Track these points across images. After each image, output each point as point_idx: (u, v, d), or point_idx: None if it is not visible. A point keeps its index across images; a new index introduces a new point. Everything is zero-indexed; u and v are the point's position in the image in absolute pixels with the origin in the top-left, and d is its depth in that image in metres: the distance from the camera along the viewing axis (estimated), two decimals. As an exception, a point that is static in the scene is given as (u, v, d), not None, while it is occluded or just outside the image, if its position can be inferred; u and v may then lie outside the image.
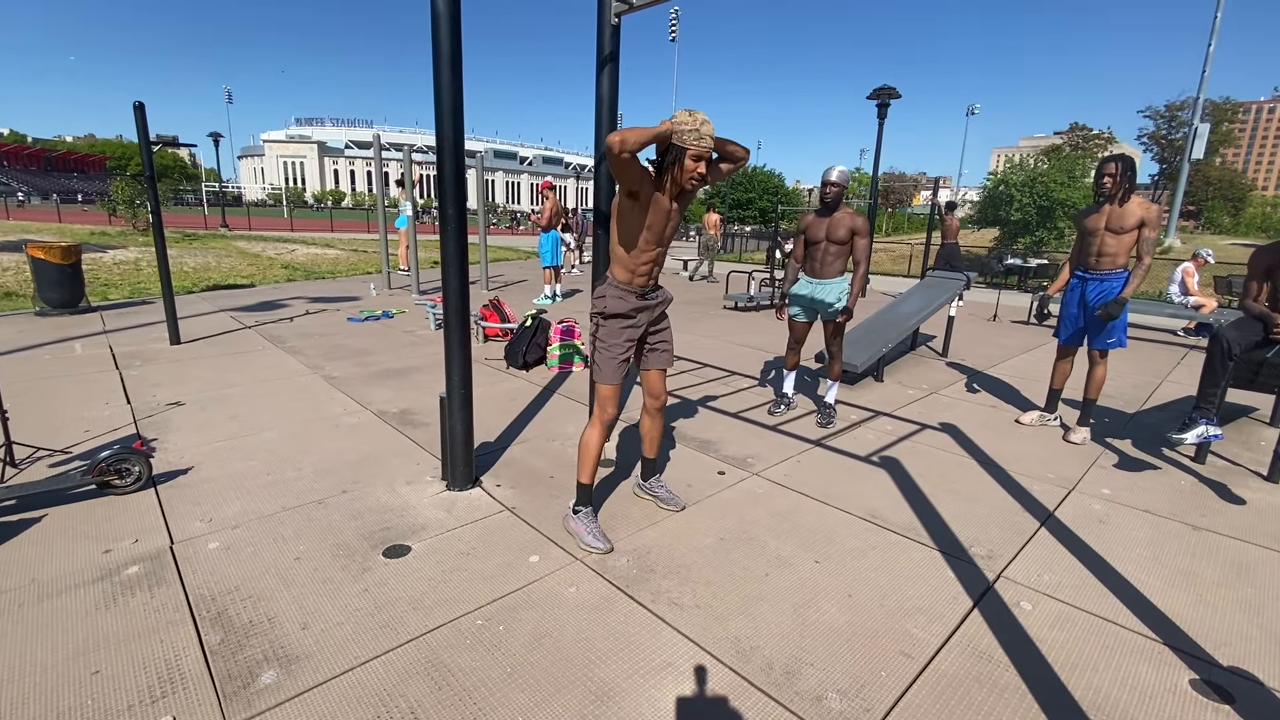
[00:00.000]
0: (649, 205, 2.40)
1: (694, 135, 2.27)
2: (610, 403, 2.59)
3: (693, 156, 2.30)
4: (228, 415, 4.04)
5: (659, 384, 2.78)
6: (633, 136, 2.13)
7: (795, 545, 2.68)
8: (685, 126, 2.26)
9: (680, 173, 2.34)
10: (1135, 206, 3.76)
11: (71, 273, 7.29)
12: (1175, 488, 3.45)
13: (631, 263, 2.52)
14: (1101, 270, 3.92)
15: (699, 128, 2.27)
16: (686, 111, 2.29)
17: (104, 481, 2.92)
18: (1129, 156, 3.87)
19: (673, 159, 2.32)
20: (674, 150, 2.31)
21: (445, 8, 2.61)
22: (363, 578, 2.35)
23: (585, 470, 2.64)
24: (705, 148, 2.30)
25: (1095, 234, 3.90)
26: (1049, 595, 2.39)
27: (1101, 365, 4.04)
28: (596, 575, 2.41)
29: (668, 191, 2.41)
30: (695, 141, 2.27)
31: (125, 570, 2.37)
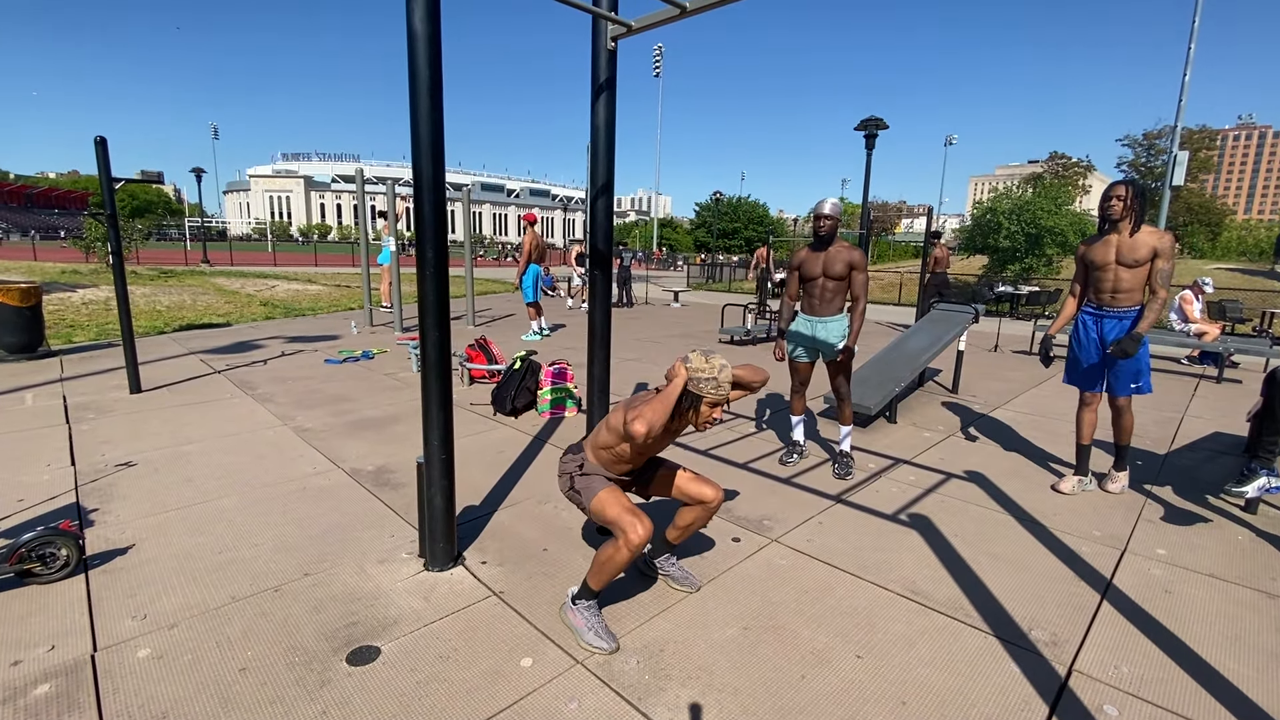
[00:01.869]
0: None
1: (712, 385, 2.17)
2: (628, 517, 2.15)
3: (709, 403, 2.20)
4: (182, 478, 3.63)
5: (695, 485, 2.47)
6: (658, 420, 2.08)
7: (831, 634, 2.31)
8: (703, 376, 2.16)
9: (696, 417, 2.24)
10: (1147, 236, 3.36)
11: (31, 315, 6.85)
12: (1234, 544, 3.13)
13: (616, 467, 2.39)
14: (1119, 308, 3.49)
15: (717, 376, 2.17)
16: (702, 358, 2.18)
17: (24, 570, 2.51)
18: (1140, 181, 3.53)
19: (689, 405, 2.21)
20: (690, 397, 2.19)
21: (424, 30, 2.32)
22: (320, 695, 1.95)
23: (600, 581, 2.23)
24: (723, 396, 2.19)
25: (1106, 269, 3.48)
26: (1133, 695, 2.03)
27: (1128, 413, 3.62)
28: (601, 684, 2.02)
29: (674, 428, 2.32)
30: (713, 391, 2.17)
31: (33, 690, 1.96)
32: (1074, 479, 3.77)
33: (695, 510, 2.46)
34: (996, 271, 18.50)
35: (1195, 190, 44.52)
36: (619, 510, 2.18)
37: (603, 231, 3.16)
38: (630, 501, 2.23)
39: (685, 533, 2.52)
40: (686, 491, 2.45)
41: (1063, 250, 18.19)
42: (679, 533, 2.52)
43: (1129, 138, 42.59)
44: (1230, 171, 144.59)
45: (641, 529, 2.12)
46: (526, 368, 5.28)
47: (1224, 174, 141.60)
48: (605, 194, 3.09)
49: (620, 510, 2.18)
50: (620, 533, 2.15)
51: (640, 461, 2.42)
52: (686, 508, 2.49)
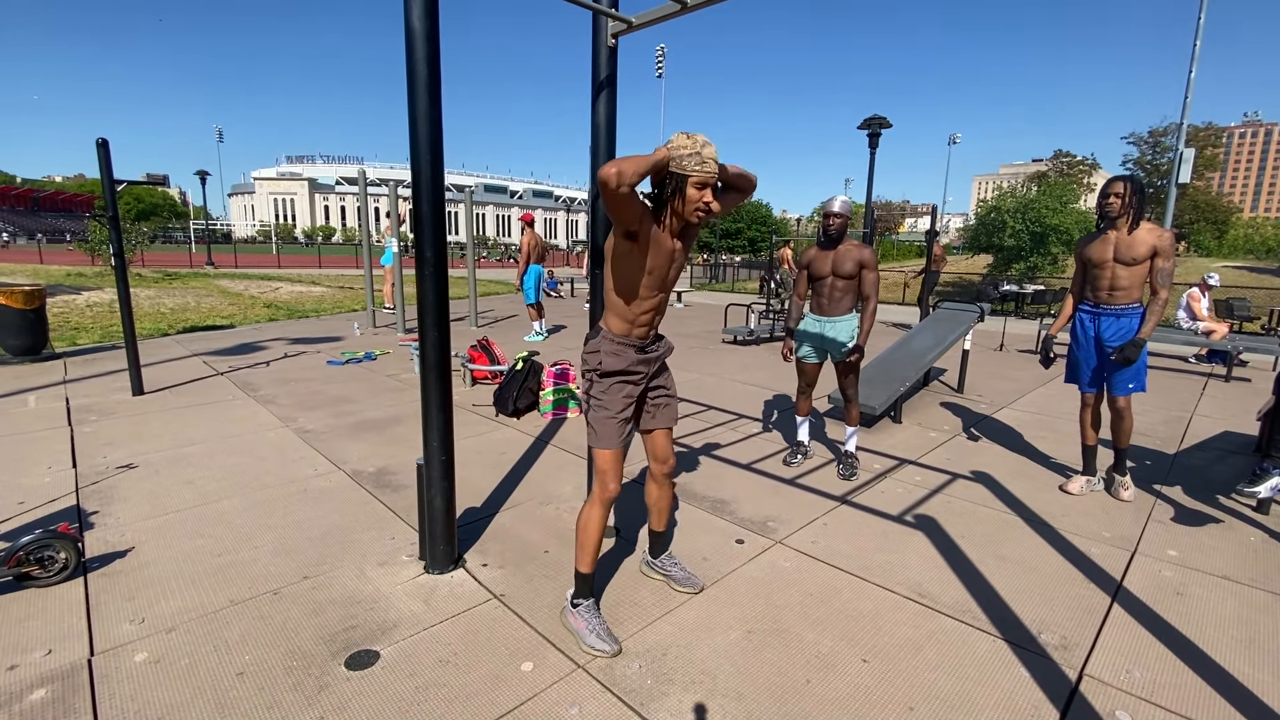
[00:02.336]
0: (649, 245, 2.04)
1: (695, 160, 1.94)
2: (611, 475, 2.19)
3: (695, 184, 1.97)
4: (183, 480, 3.61)
5: (665, 446, 2.40)
6: (630, 167, 1.80)
7: (836, 638, 2.27)
8: (684, 150, 1.94)
9: (683, 204, 2.00)
10: (1146, 234, 3.28)
11: (35, 318, 6.87)
12: (1246, 545, 3.08)
13: (630, 312, 2.16)
14: (1117, 305, 3.42)
15: (700, 150, 1.94)
16: (684, 135, 1.96)
17: (22, 573, 2.49)
18: (1138, 178, 3.43)
19: (673, 189, 1.99)
20: (673, 179, 1.97)
21: (421, 27, 2.30)
22: (318, 700, 1.93)
23: (585, 558, 2.24)
24: (709, 172, 1.96)
25: (1104, 266, 3.41)
26: (1147, 700, 1.99)
27: (1126, 414, 3.51)
28: (603, 689, 1.99)
29: (669, 228, 2.07)
30: (698, 167, 1.94)
31: (29, 695, 1.94)
32: (1082, 479, 3.72)
33: (653, 486, 2.48)
34: (1001, 270, 18.41)
35: (1201, 188, 44.25)
36: (608, 465, 2.19)
37: (604, 230, 3.13)
38: (620, 464, 2.23)
39: (660, 513, 2.52)
40: (657, 444, 2.40)
41: (1067, 249, 18.09)
42: (656, 515, 2.53)
43: (1134, 135, 42.30)
44: (1237, 169, 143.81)
45: (615, 484, 2.21)
46: (529, 369, 5.25)
47: (1230, 172, 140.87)
48: (606, 192, 3.05)
49: (609, 465, 2.19)
50: (599, 481, 2.21)
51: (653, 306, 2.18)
52: (646, 487, 2.52)
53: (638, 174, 1.84)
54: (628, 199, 1.87)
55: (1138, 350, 3.31)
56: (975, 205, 24.28)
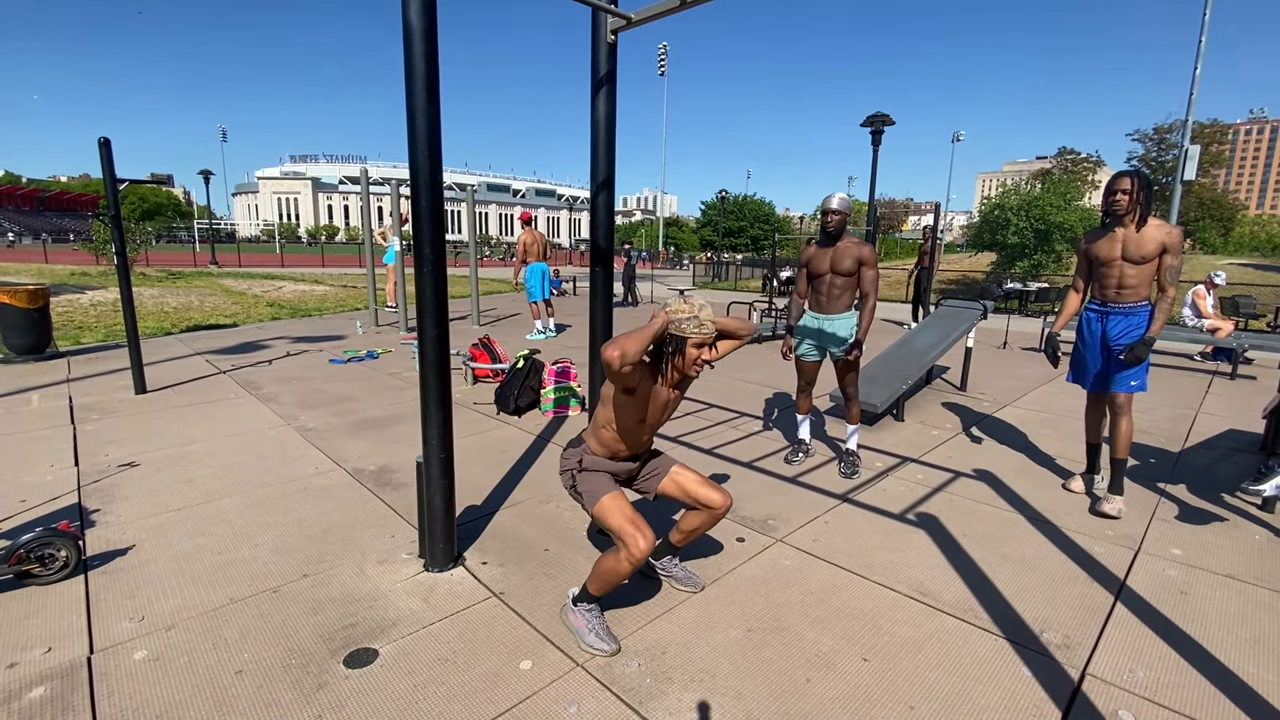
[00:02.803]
0: (647, 398, 2.18)
1: (694, 324, 2.07)
2: (631, 528, 2.08)
3: (694, 345, 2.10)
4: (184, 478, 3.61)
5: (702, 488, 2.38)
6: (632, 347, 1.93)
7: (837, 636, 2.26)
8: (683, 315, 2.07)
9: (683, 362, 2.14)
10: (1154, 230, 3.16)
11: (39, 317, 6.88)
12: (1251, 544, 3.06)
13: (618, 446, 2.30)
14: (1124, 303, 3.32)
15: (697, 314, 2.07)
16: (680, 299, 2.10)
17: (23, 571, 2.49)
18: (1144, 173, 3.27)
19: (673, 350, 2.12)
20: (673, 341, 2.10)
21: (419, 24, 2.29)
22: (316, 698, 1.92)
23: (600, 588, 2.17)
24: (707, 334, 2.09)
25: (1111, 264, 3.30)
26: (1150, 700, 1.97)
27: (1126, 415, 3.37)
28: (602, 687, 1.98)
29: (668, 381, 2.21)
30: (696, 330, 2.07)
31: (28, 693, 1.94)
32: (1084, 478, 3.70)
33: (701, 515, 2.39)
34: (1005, 268, 18.32)
35: (1207, 185, 44.00)
36: (621, 520, 2.10)
37: (603, 228, 3.12)
38: (633, 510, 2.14)
39: (689, 537, 2.47)
40: (694, 495, 2.37)
41: (1071, 247, 17.99)
42: (683, 537, 2.47)
43: (1139, 132, 42.13)
44: (1242, 166, 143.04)
45: (644, 542, 2.05)
46: (530, 367, 5.25)
47: (1236, 169, 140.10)
48: (606, 190, 3.05)
49: (623, 520, 2.10)
50: (622, 545, 2.08)
51: (641, 440, 2.31)
52: (692, 512, 2.42)
53: (639, 353, 1.96)
54: (630, 374, 2.02)
55: (1147, 349, 3.21)
56: (979, 203, 24.18)
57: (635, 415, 2.20)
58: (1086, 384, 3.60)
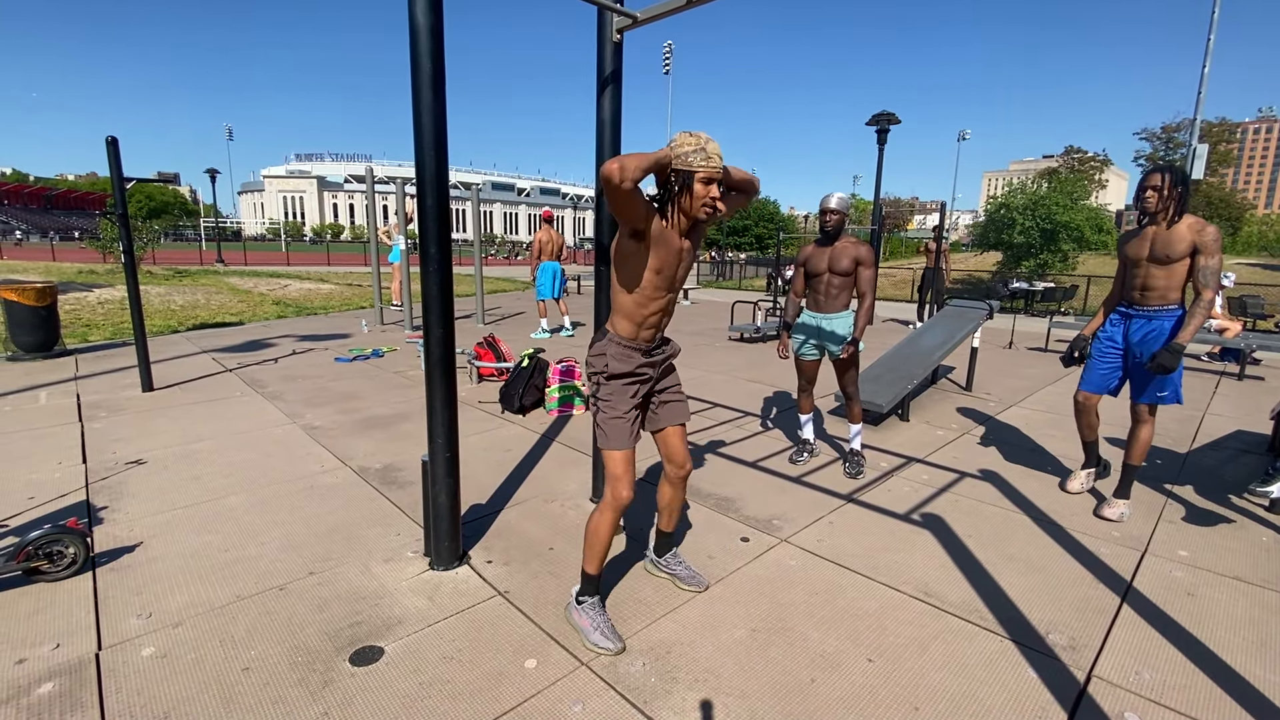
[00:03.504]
0: (656, 244, 2.02)
1: (700, 155, 1.93)
2: (623, 480, 2.16)
3: (702, 180, 1.96)
4: (191, 476, 3.63)
5: (679, 447, 2.37)
6: (632, 163, 1.79)
7: (841, 637, 2.26)
8: (689, 147, 1.94)
9: (690, 201, 1.99)
10: (1185, 229, 2.96)
11: (46, 315, 6.93)
12: (1259, 545, 3.04)
13: (637, 314, 2.14)
14: (1149, 306, 3.13)
15: (704, 146, 1.94)
16: (686, 133, 1.97)
17: (31, 568, 2.51)
18: (1180, 168, 3.04)
19: (679, 186, 1.98)
20: (679, 176, 1.97)
21: (425, 22, 2.29)
22: (323, 695, 1.93)
23: (593, 560, 2.23)
24: (715, 167, 1.95)
25: (1139, 264, 3.12)
26: (1156, 702, 1.97)
27: (1149, 424, 3.22)
28: (607, 686, 1.99)
29: (676, 225, 2.06)
30: (703, 162, 1.93)
31: (37, 689, 1.95)
32: (1082, 474, 3.65)
33: (666, 488, 2.44)
34: (1011, 268, 18.26)
35: (1215, 184, 43.74)
36: (619, 467, 2.15)
37: (609, 227, 3.12)
38: (632, 465, 2.19)
39: (670, 514, 2.49)
40: (671, 444, 2.36)
41: (1078, 246, 17.91)
42: (665, 517, 2.50)
43: (1146, 131, 41.93)
44: (1251, 165, 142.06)
45: (628, 490, 2.15)
46: (534, 365, 5.26)
47: (1244, 168, 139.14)
48: (611, 189, 3.04)
49: (620, 467, 2.15)
50: (609, 486, 2.16)
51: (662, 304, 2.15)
52: (660, 487, 2.48)
53: (640, 169, 1.82)
54: (631, 195, 1.85)
55: (1175, 358, 2.96)
56: (985, 202, 24.09)
57: (649, 265, 2.04)
58: (1083, 383, 3.48)
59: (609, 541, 2.23)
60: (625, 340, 2.17)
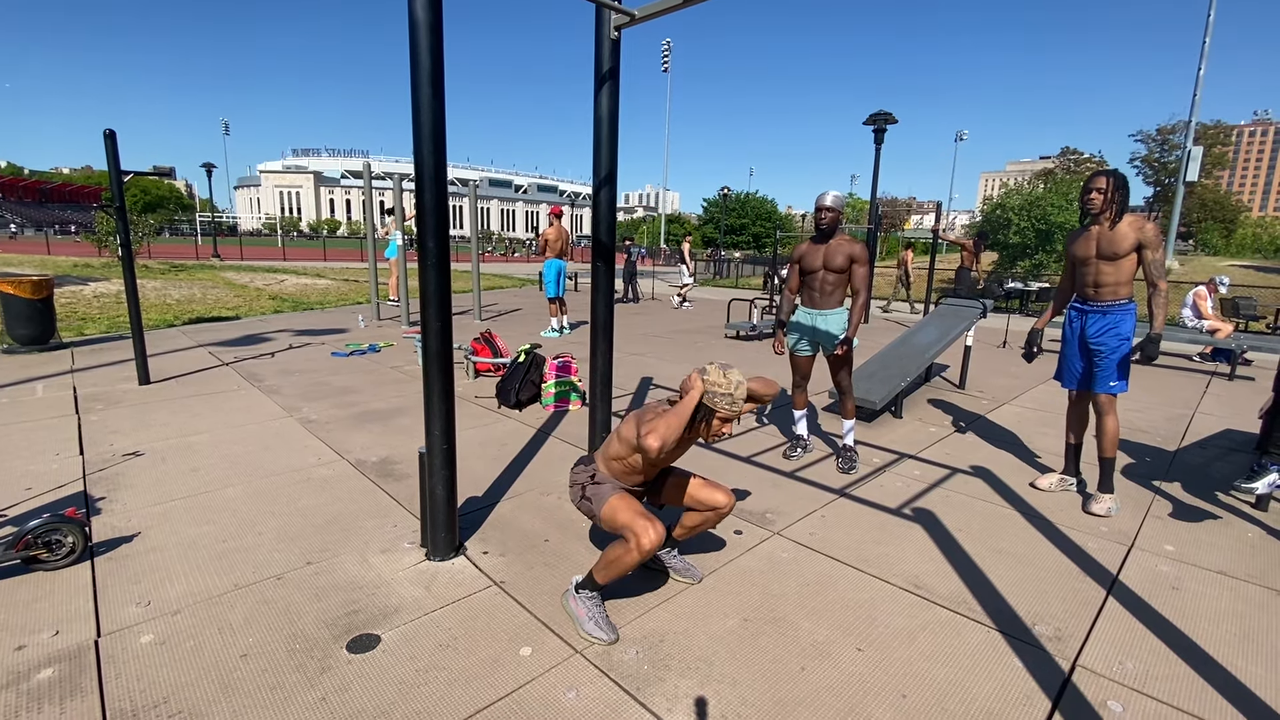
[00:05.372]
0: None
1: (727, 401, 2.14)
2: (641, 521, 2.14)
3: (721, 419, 2.17)
4: (189, 468, 3.65)
5: (708, 491, 2.46)
6: (672, 435, 2.06)
7: (832, 627, 2.30)
8: (719, 390, 2.13)
9: (706, 430, 2.22)
10: (1127, 228, 3.19)
11: (42, 307, 6.92)
12: (1243, 541, 3.09)
13: (629, 479, 2.38)
14: (1102, 301, 3.33)
15: (733, 392, 2.13)
16: (720, 372, 2.14)
17: (30, 557, 2.53)
18: (1120, 172, 3.29)
19: (701, 417, 2.19)
20: (703, 410, 2.17)
21: (425, 17, 2.31)
22: (320, 681, 1.96)
23: (606, 578, 2.22)
24: (737, 412, 2.16)
25: (1087, 263, 3.33)
26: (1138, 691, 2.01)
27: (1110, 415, 3.36)
28: (600, 674, 2.02)
29: (686, 440, 2.31)
30: (728, 407, 2.15)
31: (37, 675, 1.98)
32: (1055, 476, 3.70)
33: (705, 514, 2.47)
34: (1006, 268, 18.34)
35: (1210, 186, 43.98)
36: (631, 515, 2.17)
37: (605, 223, 3.15)
38: (641, 506, 2.23)
39: (691, 532, 2.54)
40: (699, 499, 2.46)
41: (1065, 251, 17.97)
42: (685, 531, 2.54)
43: (1142, 133, 42.17)
44: (1246, 168, 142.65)
45: (654, 534, 2.11)
46: (531, 361, 5.28)
47: (1239, 170, 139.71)
48: (608, 185, 3.07)
49: (632, 515, 2.17)
50: (632, 536, 2.13)
51: (653, 473, 2.42)
52: (695, 511, 2.49)
53: (677, 438, 2.07)
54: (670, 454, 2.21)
55: (1156, 347, 3.16)
56: (981, 202, 24.18)
57: (651, 463, 2.30)
58: (1066, 383, 3.61)
59: (626, 575, 2.23)
60: (612, 480, 2.39)
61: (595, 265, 3.18)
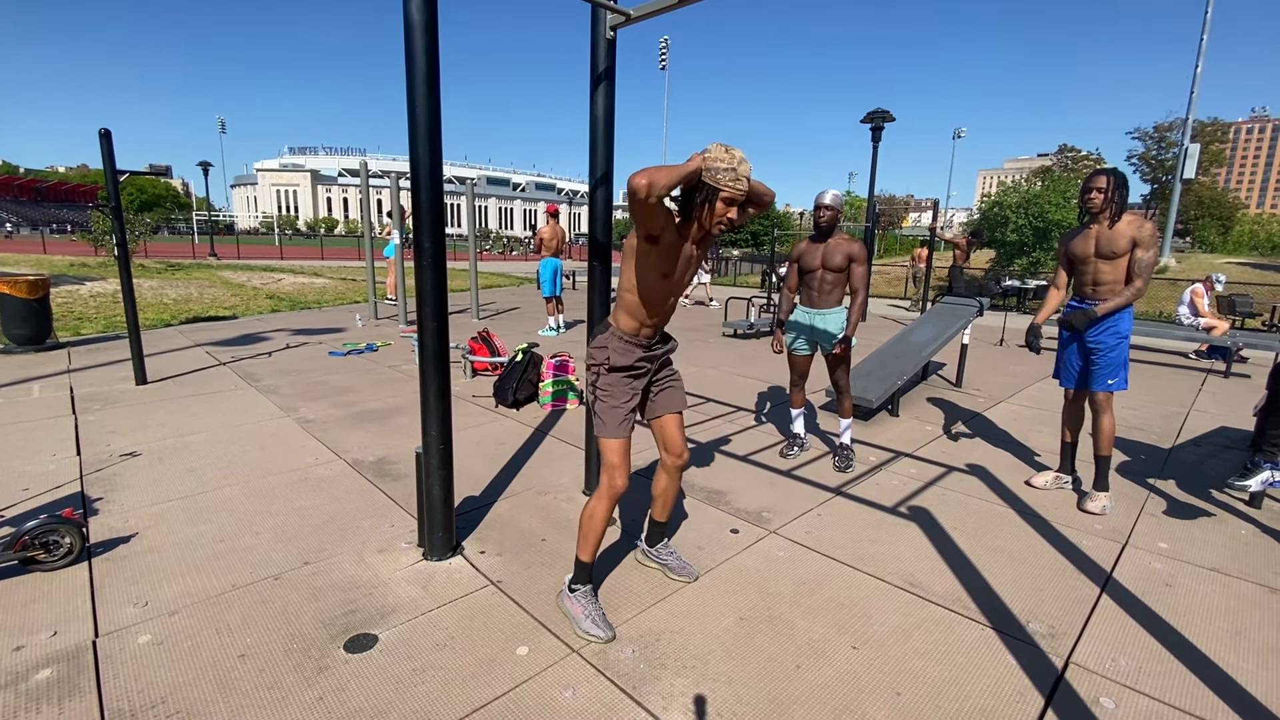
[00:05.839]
0: (669, 249, 2.09)
1: (730, 176, 1.96)
2: (620, 469, 2.20)
3: (725, 199, 2.00)
4: (186, 468, 3.65)
5: (677, 436, 2.41)
6: (662, 178, 1.82)
7: (827, 625, 2.31)
8: (721, 165, 1.96)
9: (709, 216, 2.03)
10: (1126, 226, 3.18)
11: (39, 307, 6.91)
12: (1237, 539, 3.11)
13: (642, 312, 2.21)
14: (1100, 301, 3.30)
15: (736, 167, 1.96)
16: (722, 148, 1.98)
17: (28, 557, 2.53)
18: (1120, 171, 3.29)
19: (702, 200, 2.01)
20: (704, 190, 2.00)
21: (420, 18, 2.31)
22: (318, 681, 1.97)
23: (587, 548, 2.27)
24: (741, 190, 1.99)
25: (1086, 262, 3.31)
26: (1131, 688, 2.02)
27: (1107, 414, 3.37)
28: (597, 673, 2.03)
29: (691, 235, 2.12)
30: (731, 183, 1.97)
31: (35, 675, 1.98)
32: (1050, 474, 3.71)
33: (662, 476, 2.48)
34: (1004, 266, 18.36)
35: (1207, 184, 44.07)
36: (615, 456, 2.20)
37: (602, 223, 3.16)
38: (628, 455, 2.23)
39: (665, 502, 2.53)
40: (668, 433, 2.40)
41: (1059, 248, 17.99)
42: (660, 505, 2.54)
43: (1139, 130, 42.25)
44: (1243, 165, 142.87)
45: (623, 479, 2.20)
46: (528, 360, 5.29)
47: (1236, 167, 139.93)
48: (604, 185, 3.08)
49: (616, 456, 2.20)
50: (605, 474, 2.20)
51: (665, 304, 2.24)
52: (655, 476, 2.52)
53: (668, 185, 1.86)
54: (655, 207, 1.89)
55: (1085, 319, 3.24)
56: (979, 200, 24.18)
57: (659, 269, 2.12)
58: (1064, 381, 3.61)
59: (603, 529, 2.27)
60: (627, 335, 2.23)
61: (592, 264, 3.18)
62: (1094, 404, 3.43)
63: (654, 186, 1.80)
